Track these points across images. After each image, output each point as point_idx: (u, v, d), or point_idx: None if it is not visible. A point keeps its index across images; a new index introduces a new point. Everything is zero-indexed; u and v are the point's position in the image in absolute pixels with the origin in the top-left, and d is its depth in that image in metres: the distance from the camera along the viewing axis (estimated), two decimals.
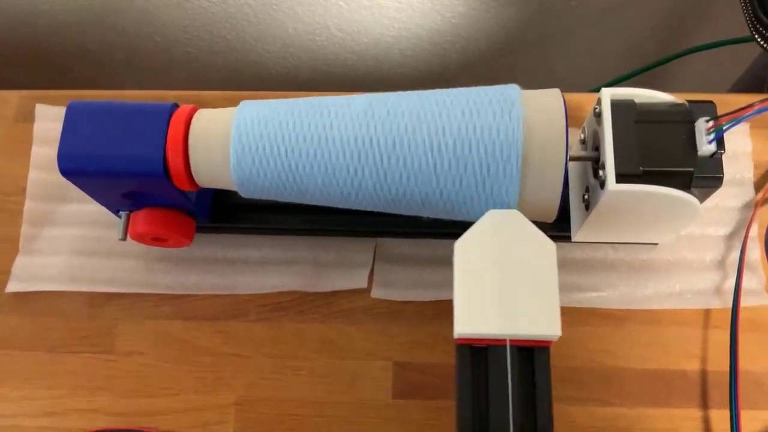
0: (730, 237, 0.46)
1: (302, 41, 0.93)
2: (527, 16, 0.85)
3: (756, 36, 0.48)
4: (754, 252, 0.45)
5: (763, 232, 0.45)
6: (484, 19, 0.86)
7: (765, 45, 0.48)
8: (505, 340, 0.35)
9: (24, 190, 0.50)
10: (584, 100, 0.49)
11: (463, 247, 0.36)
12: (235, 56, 0.95)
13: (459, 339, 0.36)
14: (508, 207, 0.37)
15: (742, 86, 0.70)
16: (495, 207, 0.37)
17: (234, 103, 0.39)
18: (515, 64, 0.88)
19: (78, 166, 0.39)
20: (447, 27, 0.88)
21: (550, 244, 0.36)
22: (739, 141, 0.47)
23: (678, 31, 0.85)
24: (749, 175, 0.47)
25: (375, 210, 0.41)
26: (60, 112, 0.51)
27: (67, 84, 0.89)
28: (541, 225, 0.44)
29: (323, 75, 0.93)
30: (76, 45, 0.91)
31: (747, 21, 0.49)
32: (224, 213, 0.47)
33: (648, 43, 0.86)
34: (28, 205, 0.49)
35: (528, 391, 0.36)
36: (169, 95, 0.50)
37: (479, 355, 0.36)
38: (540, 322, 0.35)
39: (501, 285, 0.35)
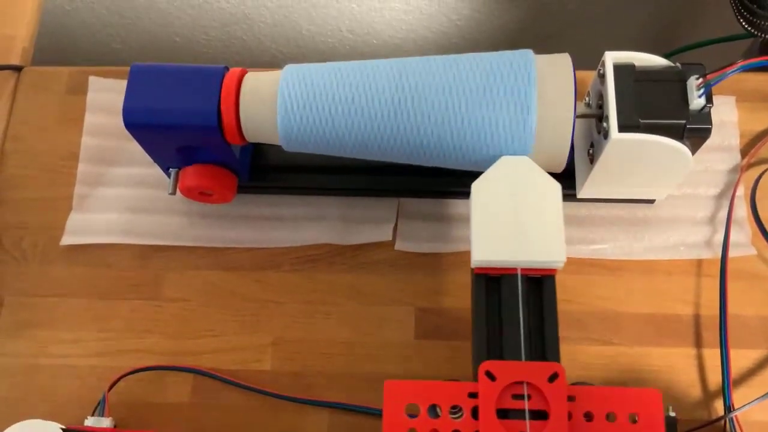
0: (719, 197, 0.51)
1: (315, 43, 0.97)
2: (528, 19, 0.91)
3: (740, 20, 0.54)
4: (741, 209, 0.50)
5: (749, 192, 0.50)
6: (487, 22, 0.91)
7: (750, 29, 0.54)
8: (516, 269, 0.40)
9: (76, 155, 0.54)
10: (587, 76, 0.54)
11: (479, 187, 0.41)
12: (251, 59, 0.99)
13: (476, 269, 0.41)
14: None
15: None
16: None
17: None
18: None
19: (141, 120, 0.43)
20: (452, 30, 0.93)
21: (555, 185, 0.41)
22: (727, 111, 0.53)
23: (667, 32, 0.91)
24: (736, 142, 0.52)
25: (401, 161, 0.45)
26: (112, 83, 0.55)
27: None
28: None
29: None
30: (100, 43, 0.96)
31: (732, 6, 0.55)
32: (261, 173, 0.51)
33: (636, 45, 0.92)
34: (81, 168, 0.54)
35: (536, 316, 0.40)
36: None
37: (493, 284, 0.41)
38: (547, 250, 0.40)
39: (512, 219, 0.40)
